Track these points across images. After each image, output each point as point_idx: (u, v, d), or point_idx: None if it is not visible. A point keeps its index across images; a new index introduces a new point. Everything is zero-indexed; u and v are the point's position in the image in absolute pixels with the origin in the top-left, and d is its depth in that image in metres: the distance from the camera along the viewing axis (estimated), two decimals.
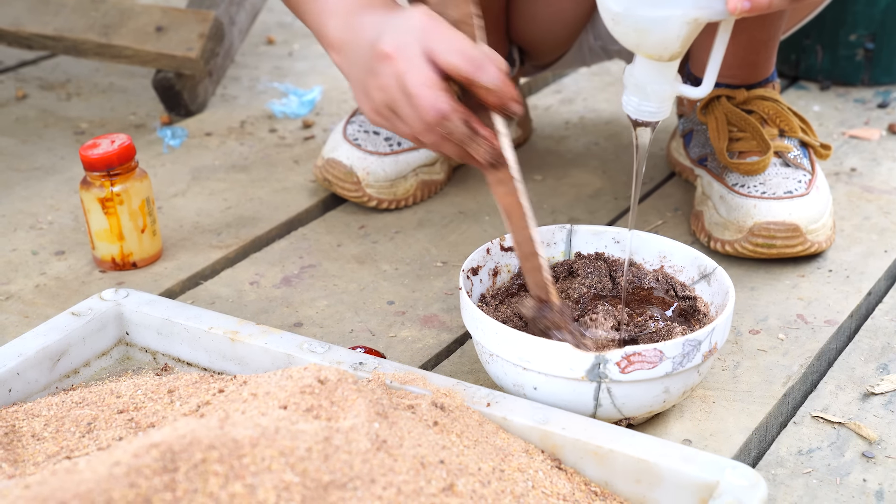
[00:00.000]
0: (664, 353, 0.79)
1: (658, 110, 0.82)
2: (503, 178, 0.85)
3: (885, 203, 1.20)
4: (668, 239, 0.94)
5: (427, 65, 0.82)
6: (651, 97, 0.81)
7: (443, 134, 0.83)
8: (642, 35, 0.77)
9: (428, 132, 0.84)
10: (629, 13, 0.76)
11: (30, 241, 1.15)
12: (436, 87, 0.81)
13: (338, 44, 0.90)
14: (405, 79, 0.82)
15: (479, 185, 1.26)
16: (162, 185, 1.27)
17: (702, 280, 0.91)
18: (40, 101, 1.53)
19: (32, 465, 0.74)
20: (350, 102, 1.49)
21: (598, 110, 1.47)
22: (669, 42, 0.77)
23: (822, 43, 1.51)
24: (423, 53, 0.82)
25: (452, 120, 0.82)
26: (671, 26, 0.76)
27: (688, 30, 0.76)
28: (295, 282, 1.08)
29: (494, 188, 0.85)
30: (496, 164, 0.84)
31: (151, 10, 1.47)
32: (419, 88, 0.81)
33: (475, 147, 0.83)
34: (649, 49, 0.78)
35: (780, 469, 0.82)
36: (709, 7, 0.75)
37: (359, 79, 0.87)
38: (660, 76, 0.80)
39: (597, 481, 0.75)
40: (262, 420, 0.68)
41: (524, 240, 0.86)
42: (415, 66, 0.82)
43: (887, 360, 0.95)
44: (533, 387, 0.81)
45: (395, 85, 0.83)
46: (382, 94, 0.85)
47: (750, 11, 0.74)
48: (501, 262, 0.94)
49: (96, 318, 0.90)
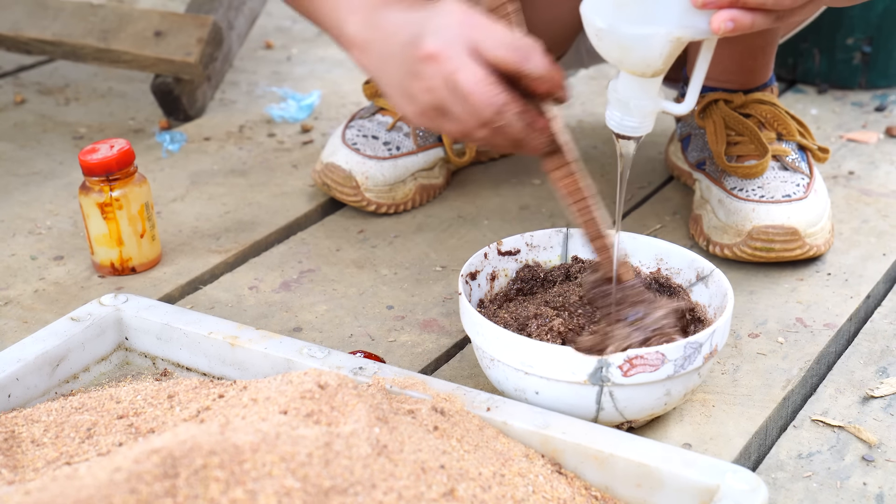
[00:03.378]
0: (666, 356, 0.79)
1: (640, 125, 0.83)
2: (559, 163, 0.84)
3: (883, 206, 1.20)
4: (665, 241, 0.94)
5: (475, 62, 0.80)
6: (634, 112, 0.82)
7: (498, 129, 0.82)
8: (625, 52, 0.77)
9: (481, 128, 0.82)
10: (613, 30, 0.77)
11: (29, 247, 1.15)
12: (490, 83, 0.80)
13: (361, 43, 0.87)
14: (456, 78, 0.80)
15: (477, 189, 1.26)
16: (161, 189, 1.27)
17: (699, 282, 0.92)
18: (39, 106, 1.53)
19: (32, 470, 0.74)
20: (348, 106, 1.50)
21: (596, 114, 1.47)
22: (652, 59, 0.77)
23: (820, 46, 1.51)
24: (469, 50, 0.80)
25: (508, 114, 0.81)
26: (654, 44, 0.76)
27: (670, 48, 0.76)
28: (294, 286, 1.08)
29: (552, 174, 0.85)
30: (552, 151, 0.83)
31: (150, 14, 1.47)
32: (473, 86, 0.80)
33: (531, 138, 0.82)
34: (632, 65, 0.78)
35: (781, 473, 0.82)
36: (692, 27, 0.75)
37: (396, 81, 0.85)
38: (642, 92, 0.81)
39: (597, 486, 0.75)
40: (263, 425, 0.68)
41: (588, 222, 0.86)
42: (463, 64, 0.80)
43: (886, 363, 0.95)
44: (534, 391, 0.81)
45: (444, 86, 0.81)
46: (429, 95, 0.83)
47: (733, 31, 0.74)
48: (499, 267, 0.94)
49: (95, 324, 0.90)
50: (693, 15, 0.75)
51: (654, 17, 0.75)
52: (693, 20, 0.75)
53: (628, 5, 0.75)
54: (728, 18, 0.74)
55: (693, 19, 0.75)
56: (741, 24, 0.74)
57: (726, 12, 0.74)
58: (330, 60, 1.68)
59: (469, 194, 1.25)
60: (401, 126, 1.23)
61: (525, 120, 0.81)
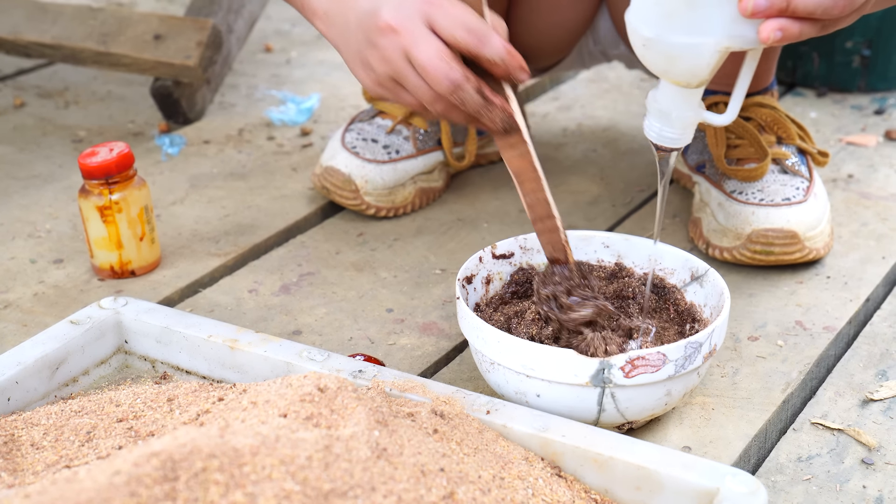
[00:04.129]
0: (667, 356, 0.79)
1: (681, 136, 0.82)
2: (514, 143, 0.84)
3: (882, 209, 1.20)
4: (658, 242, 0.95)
5: (432, 36, 0.81)
6: (675, 123, 0.81)
7: (454, 103, 0.83)
8: (672, 61, 0.77)
9: (437, 101, 0.83)
10: (661, 39, 0.76)
11: (28, 250, 1.15)
12: (446, 57, 0.81)
13: (322, 12, 0.89)
14: (412, 51, 0.81)
15: (477, 192, 1.26)
16: (160, 192, 1.27)
17: (694, 282, 0.92)
18: (38, 110, 1.53)
19: (32, 474, 0.74)
20: (348, 110, 1.50)
21: (595, 117, 1.47)
22: (699, 69, 0.77)
23: (819, 50, 1.51)
24: (426, 24, 0.81)
25: (465, 89, 0.81)
26: (703, 53, 0.76)
27: (718, 58, 0.76)
28: (294, 290, 1.08)
29: (505, 152, 0.85)
30: (508, 129, 0.84)
31: (149, 18, 1.47)
32: (429, 60, 0.81)
33: (487, 114, 0.83)
34: (678, 75, 0.78)
35: (780, 476, 0.82)
36: (741, 36, 0.75)
37: (355, 50, 0.86)
38: (685, 103, 0.80)
39: (597, 489, 0.75)
40: (263, 428, 0.68)
41: (537, 202, 0.86)
42: (421, 37, 0.81)
43: (886, 366, 0.95)
44: (536, 394, 0.81)
45: (401, 57, 0.82)
46: (386, 66, 0.84)
47: (781, 41, 0.74)
48: (493, 270, 0.94)
49: (95, 327, 0.90)
50: (742, 24, 0.74)
51: (703, 26, 0.75)
52: (742, 30, 0.75)
53: (677, 14, 0.75)
54: (777, 28, 0.74)
55: (742, 29, 0.75)
56: (790, 33, 0.74)
57: (775, 21, 0.74)
58: (329, 63, 1.68)
59: (468, 197, 1.25)
60: (400, 129, 1.23)
61: (482, 96, 0.81)
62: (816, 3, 0.74)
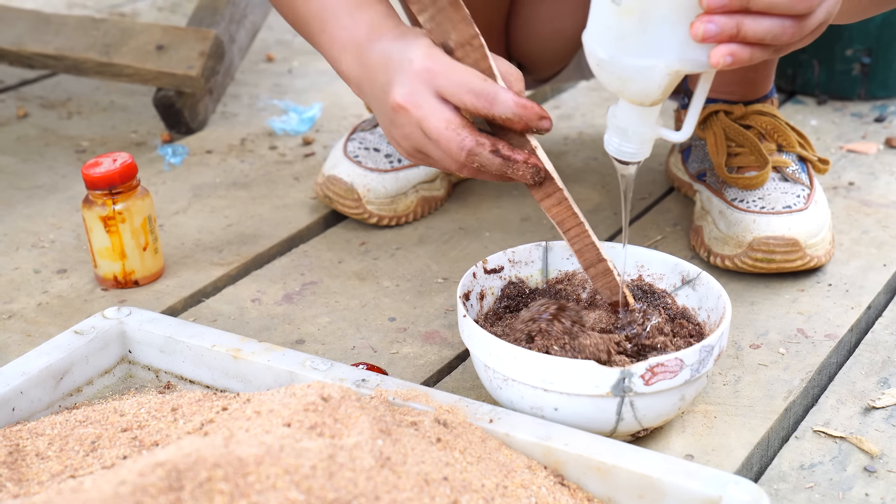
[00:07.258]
0: (684, 362, 0.80)
1: (638, 151, 0.84)
2: (549, 191, 0.85)
3: (883, 217, 1.20)
4: (644, 248, 0.95)
5: (442, 105, 0.82)
6: (632, 138, 0.83)
7: (476, 168, 0.84)
8: (625, 82, 0.78)
9: (463, 168, 0.85)
10: (614, 60, 0.77)
11: (32, 260, 1.16)
12: (455, 126, 0.82)
13: (355, 82, 0.90)
14: (424, 126, 0.82)
15: (479, 201, 1.27)
16: (163, 202, 1.27)
17: (685, 286, 0.92)
18: (41, 120, 1.53)
19: (37, 484, 0.75)
20: (350, 119, 1.50)
21: (596, 125, 1.48)
22: (651, 90, 0.78)
23: (819, 58, 1.51)
24: (435, 95, 0.82)
25: (480, 154, 0.82)
26: (654, 76, 0.77)
27: (669, 80, 0.77)
28: (296, 299, 1.08)
29: (543, 202, 0.86)
30: (539, 180, 0.84)
31: (152, 28, 1.48)
32: (440, 133, 0.82)
33: (514, 171, 0.83)
34: (631, 95, 0.79)
35: (783, 484, 0.82)
36: (692, 60, 0.76)
37: (384, 124, 0.88)
38: (641, 120, 0.82)
39: (600, 497, 0.75)
40: (267, 438, 0.68)
41: (585, 247, 0.87)
42: (431, 111, 0.82)
43: (888, 374, 0.95)
44: (553, 408, 0.81)
45: (418, 132, 0.84)
46: (408, 141, 0.85)
47: (731, 65, 0.75)
48: (486, 286, 0.94)
49: (99, 337, 0.90)
50: (692, 48, 0.75)
51: (655, 49, 0.76)
52: (692, 53, 0.75)
53: (630, 37, 0.76)
54: (727, 53, 0.74)
55: (692, 53, 0.75)
56: (739, 58, 0.75)
57: (725, 47, 0.74)
58: (331, 73, 1.69)
59: (470, 206, 1.26)
60: None
61: (501, 157, 0.82)
62: (766, 30, 0.74)
